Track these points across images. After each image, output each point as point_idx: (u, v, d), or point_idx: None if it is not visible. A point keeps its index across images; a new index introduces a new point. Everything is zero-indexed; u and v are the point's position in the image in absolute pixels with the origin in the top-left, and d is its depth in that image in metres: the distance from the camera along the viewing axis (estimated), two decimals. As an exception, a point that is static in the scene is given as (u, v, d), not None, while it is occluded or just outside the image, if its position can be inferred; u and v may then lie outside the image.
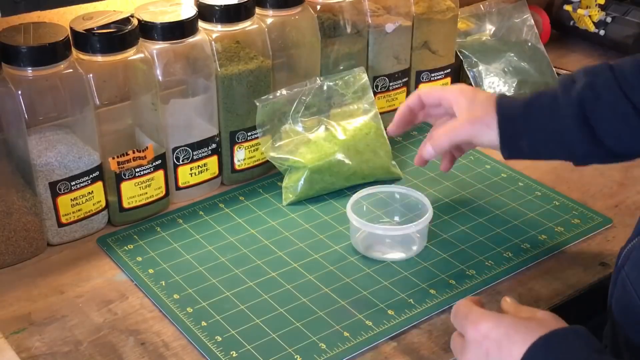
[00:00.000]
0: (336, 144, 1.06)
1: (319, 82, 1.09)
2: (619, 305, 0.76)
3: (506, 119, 0.87)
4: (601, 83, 0.84)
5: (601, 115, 0.83)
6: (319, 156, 1.04)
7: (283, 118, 1.07)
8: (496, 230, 1.00)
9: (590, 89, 0.84)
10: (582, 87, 0.85)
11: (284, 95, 1.06)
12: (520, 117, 0.87)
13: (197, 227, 1.00)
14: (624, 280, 0.75)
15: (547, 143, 0.87)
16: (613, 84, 0.84)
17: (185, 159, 1.03)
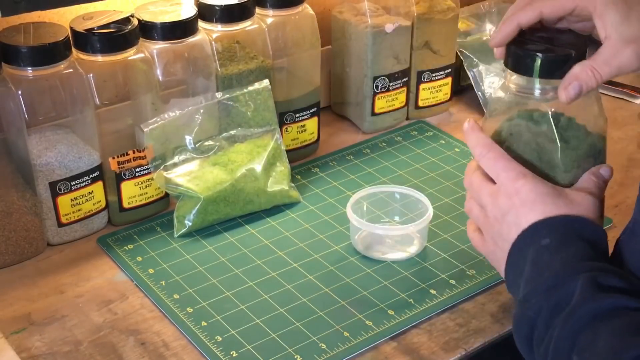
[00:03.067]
0: (232, 169, 0.99)
1: (217, 97, 1.01)
2: None
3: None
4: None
5: None
6: (214, 185, 0.98)
7: (176, 140, 0.99)
8: (496, 230, 1.00)
9: None
10: None
11: (175, 115, 0.98)
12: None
13: (197, 227, 1.00)
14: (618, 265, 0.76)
15: None
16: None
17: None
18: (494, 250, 0.76)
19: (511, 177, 0.73)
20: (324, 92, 1.24)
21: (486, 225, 0.76)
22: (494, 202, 0.74)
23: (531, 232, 0.71)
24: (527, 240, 0.71)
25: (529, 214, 0.71)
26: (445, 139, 1.21)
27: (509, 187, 0.73)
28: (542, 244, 0.70)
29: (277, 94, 1.07)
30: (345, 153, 1.17)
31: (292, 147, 1.14)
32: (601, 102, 0.77)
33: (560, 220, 0.71)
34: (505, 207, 0.73)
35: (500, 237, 0.74)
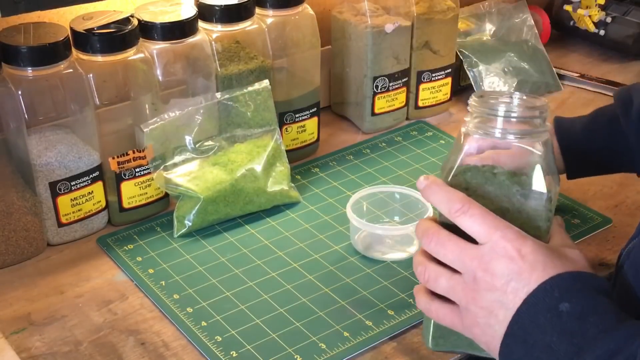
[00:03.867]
0: (232, 169, 0.99)
1: (217, 97, 1.01)
2: (619, 304, 0.76)
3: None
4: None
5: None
6: (214, 185, 0.98)
7: (175, 140, 0.99)
8: (496, 230, 0.99)
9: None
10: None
11: (175, 115, 0.98)
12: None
13: (197, 227, 1.00)
14: (623, 279, 0.75)
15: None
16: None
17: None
18: (486, 322, 0.65)
19: (509, 237, 0.64)
20: (324, 92, 1.24)
21: (471, 294, 0.65)
22: (486, 267, 0.64)
23: (543, 295, 0.62)
24: (539, 306, 0.62)
25: (541, 277, 0.63)
26: (445, 139, 1.21)
27: (509, 249, 0.63)
28: (561, 309, 0.61)
29: (277, 94, 1.07)
30: (345, 153, 1.17)
31: (292, 147, 1.14)
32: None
33: (572, 278, 0.63)
34: (508, 273, 0.63)
35: (501, 306, 0.63)
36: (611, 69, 1.44)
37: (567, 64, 1.45)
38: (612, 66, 1.45)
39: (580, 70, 1.42)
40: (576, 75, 1.40)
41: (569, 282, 0.62)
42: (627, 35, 1.44)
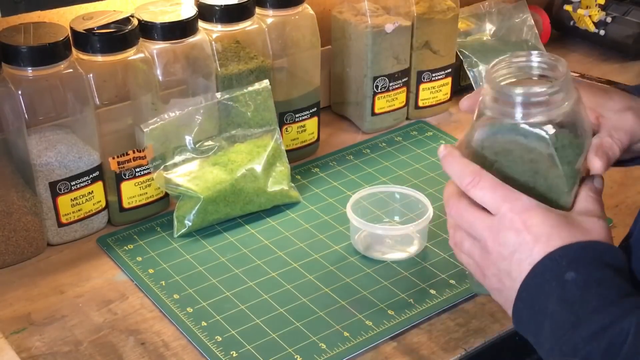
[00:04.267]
0: (232, 169, 0.99)
1: (217, 97, 1.01)
2: None
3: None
4: None
5: None
6: (214, 184, 0.98)
7: (175, 140, 0.99)
8: (496, 230, 0.99)
9: None
10: None
11: (175, 115, 0.98)
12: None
13: (197, 227, 1.00)
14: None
15: None
16: None
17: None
18: (498, 288, 0.67)
19: (517, 209, 0.65)
20: (324, 92, 1.24)
21: (486, 262, 0.67)
22: (495, 238, 0.66)
23: (550, 263, 0.63)
24: (546, 275, 0.63)
25: (546, 249, 0.64)
26: (445, 139, 1.21)
27: (516, 221, 0.65)
28: (566, 278, 0.62)
29: (277, 94, 1.07)
30: (345, 153, 1.17)
31: (292, 147, 1.14)
32: (583, 101, 0.71)
33: (581, 249, 0.63)
34: (514, 244, 0.65)
35: (508, 276, 0.66)
36: (611, 69, 1.44)
37: (567, 64, 1.44)
38: (612, 66, 1.45)
39: (580, 70, 1.42)
40: (576, 75, 1.39)
41: (578, 252, 0.63)
42: (627, 35, 1.44)
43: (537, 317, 0.64)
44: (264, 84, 1.03)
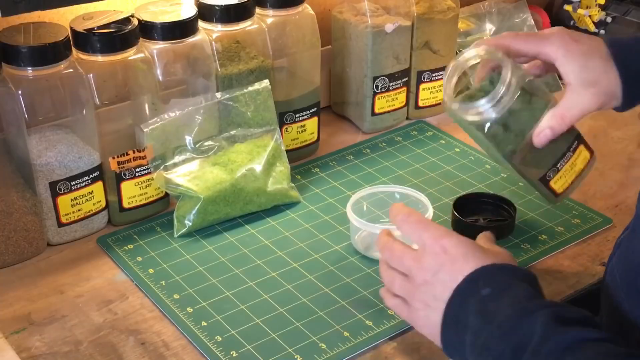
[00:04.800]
0: (232, 169, 0.99)
1: (217, 97, 1.01)
2: (605, 290, 0.79)
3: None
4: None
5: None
6: (214, 184, 0.98)
7: (175, 140, 0.99)
8: (496, 230, 1.00)
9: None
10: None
11: (175, 115, 0.98)
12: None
13: (197, 227, 1.00)
14: (612, 267, 0.78)
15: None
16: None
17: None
18: (425, 315, 0.73)
19: (435, 236, 0.73)
20: (324, 92, 1.24)
21: (413, 291, 0.74)
22: (419, 266, 0.73)
23: (468, 284, 0.70)
24: (466, 293, 0.70)
25: (464, 267, 0.71)
26: (445, 139, 1.21)
27: (435, 247, 0.73)
28: (482, 294, 0.68)
29: (277, 94, 1.07)
30: (345, 153, 1.17)
31: (292, 147, 1.14)
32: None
33: (495, 269, 0.70)
34: (434, 266, 0.72)
35: (434, 298, 0.72)
36: (611, 69, 1.44)
37: (567, 64, 1.44)
38: (612, 66, 1.45)
39: (580, 70, 1.42)
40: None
41: (493, 272, 0.70)
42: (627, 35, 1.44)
43: (460, 334, 0.69)
44: (264, 84, 1.03)
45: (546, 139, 0.81)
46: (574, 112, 0.80)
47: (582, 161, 0.89)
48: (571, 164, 0.88)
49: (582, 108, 0.80)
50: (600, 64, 0.80)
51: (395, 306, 0.77)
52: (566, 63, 0.80)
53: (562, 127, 0.81)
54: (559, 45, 0.81)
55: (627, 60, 0.80)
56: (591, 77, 0.79)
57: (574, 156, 0.88)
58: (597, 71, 0.80)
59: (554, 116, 0.81)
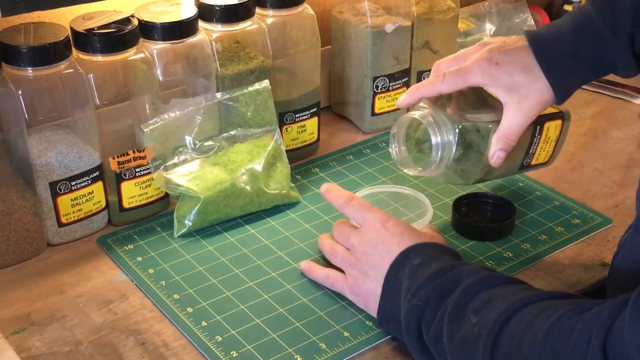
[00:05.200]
0: (232, 170, 0.99)
1: (217, 97, 1.01)
2: (611, 290, 0.80)
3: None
4: None
5: None
6: (214, 185, 0.98)
7: (176, 140, 0.99)
8: (496, 230, 1.00)
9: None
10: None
11: (175, 116, 0.98)
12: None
13: (197, 227, 1.00)
14: (617, 267, 0.78)
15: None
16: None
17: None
18: (363, 283, 0.83)
19: (377, 217, 0.85)
20: (324, 92, 1.24)
21: (353, 262, 0.85)
22: (362, 240, 0.84)
23: (402, 257, 0.80)
24: (399, 264, 0.80)
25: (400, 243, 0.82)
26: (445, 139, 1.21)
27: (377, 225, 0.84)
28: (414, 263, 0.79)
29: (277, 94, 1.07)
30: (345, 153, 1.17)
31: (292, 147, 1.14)
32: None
33: (426, 245, 0.82)
34: (375, 241, 0.83)
35: (372, 267, 0.82)
36: (611, 69, 1.44)
37: (567, 64, 1.44)
38: (612, 66, 1.45)
39: (580, 70, 1.42)
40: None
41: (424, 246, 0.81)
42: (627, 35, 1.44)
43: (394, 300, 0.79)
44: (264, 84, 1.03)
45: (501, 159, 0.86)
46: (515, 130, 0.85)
47: (554, 130, 0.93)
48: (544, 141, 0.92)
49: (522, 123, 0.85)
50: (525, 78, 0.83)
51: (334, 277, 0.87)
52: (493, 87, 0.84)
53: (511, 145, 0.86)
54: (481, 74, 0.84)
55: (552, 62, 0.83)
56: (520, 94, 0.83)
57: (543, 135, 0.92)
58: (524, 87, 0.83)
59: (499, 139, 0.86)
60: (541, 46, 0.83)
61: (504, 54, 0.84)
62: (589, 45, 0.83)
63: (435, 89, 0.87)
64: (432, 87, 0.87)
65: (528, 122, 0.85)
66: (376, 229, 0.84)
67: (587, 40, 0.83)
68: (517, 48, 0.84)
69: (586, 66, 0.84)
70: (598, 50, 0.83)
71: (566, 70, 0.84)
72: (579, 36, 0.83)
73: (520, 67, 0.83)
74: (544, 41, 0.84)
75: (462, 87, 0.86)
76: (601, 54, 0.83)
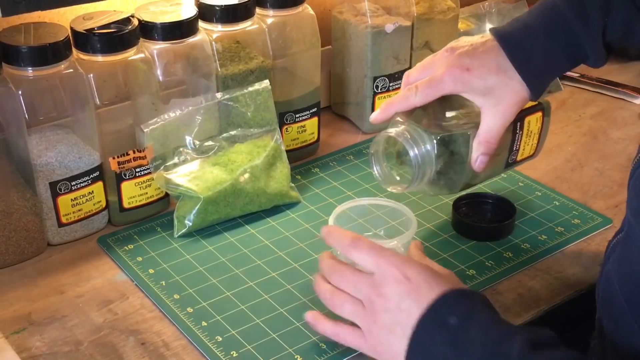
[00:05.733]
0: (232, 170, 0.99)
1: (217, 97, 1.01)
2: (604, 296, 0.78)
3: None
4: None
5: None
6: (214, 185, 0.98)
7: (176, 140, 0.99)
8: (496, 230, 1.00)
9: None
10: None
11: (175, 116, 0.98)
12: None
13: (197, 227, 1.00)
14: (608, 273, 0.77)
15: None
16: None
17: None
18: (388, 341, 0.72)
19: (395, 263, 0.73)
20: (324, 92, 1.24)
21: (371, 317, 0.73)
22: (380, 293, 0.72)
23: (434, 313, 0.70)
24: (433, 322, 0.70)
25: (428, 294, 0.71)
26: (445, 139, 1.21)
27: (396, 274, 0.72)
28: (450, 323, 0.69)
29: (277, 94, 1.07)
30: (345, 153, 1.17)
31: (292, 147, 1.14)
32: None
33: (455, 294, 0.71)
34: (398, 294, 0.71)
35: (398, 325, 0.71)
36: (611, 69, 1.44)
37: (567, 64, 1.44)
38: (612, 66, 1.45)
39: (580, 70, 1.42)
40: (576, 75, 1.40)
41: (454, 299, 0.71)
42: (627, 36, 1.44)
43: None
44: (264, 84, 1.03)
45: (484, 163, 0.84)
46: (495, 133, 0.83)
47: (536, 123, 0.92)
48: (527, 135, 0.92)
49: (501, 125, 0.83)
50: (499, 80, 0.82)
51: (343, 334, 0.76)
52: (468, 93, 0.83)
53: (492, 148, 0.84)
54: (454, 82, 0.83)
55: (525, 60, 0.81)
56: (496, 96, 0.82)
57: (525, 130, 0.91)
58: (499, 88, 0.82)
59: (480, 144, 0.83)
60: (512, 45, 0.82)
61: (474, 58, 0.83)
62: (560, 39, 0.82)
63: (409, 102, 0.85)
64: (405, 101, 0.85)
65: (507, 123, 0.84)
66: (397, 280, 0.72)
67: (558, 34, 0.82)
68: (487, 50, 0.83)
69: (558, 60, 0.83)
70: (569, 43, 0.82)
71: (539, 67, 0.82)
72: (550, 31, 0.82)
73: (493, 69, 0.82)
74: (514, 39, 0.82)
75: (436, 97, 0.84)
76: (573, 46, 0.82)
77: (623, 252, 0.76)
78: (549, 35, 0.82)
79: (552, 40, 0.82)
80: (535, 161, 1.10)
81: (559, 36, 0.82)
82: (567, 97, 1.35)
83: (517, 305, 0.88)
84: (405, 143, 0.84)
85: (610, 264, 0.77)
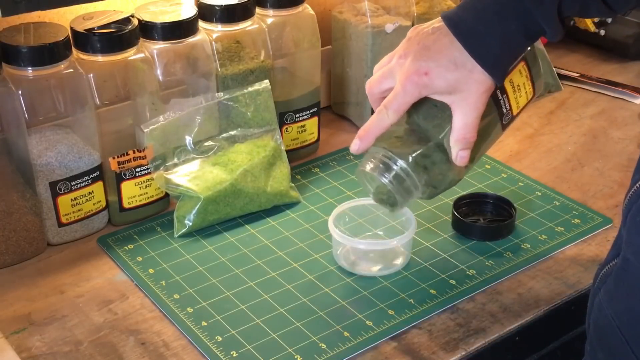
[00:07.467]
0: (232, 169, 0.99)
1: (217, 97, 1.01)
2: (597, 327, 0.75)
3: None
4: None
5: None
6: (214, 185, 0.98)
7: (176, 140, 0.99)
8: (496, 230, 1.00)
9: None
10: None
11: (175, 116, 0.98)
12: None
13: (197, 227, 1.00)
14: (600, 305, 0.73)
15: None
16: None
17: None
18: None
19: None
20: (324, 92, 1.24)
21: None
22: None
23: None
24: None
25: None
26: (445, 139, 1.21)
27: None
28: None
29: (277, 94, 1.07)
30: (345, 153, 1.17)
31: (292, 147, 1.14)
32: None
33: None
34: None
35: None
36: (611, 69, 1.44)
37: (567, 64, 1.45)
38: (612, 66, 1.45)
39: (580, 70, 1.42)
40: (576, 75, 1.40)
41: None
42: (627, 35, 1.44)
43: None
44: (264, 84, 1.03)
45: (466, 158, 0.82)
46: (470, 127, 0.81)
47: (520, 76, 0.87)
48: (515, 92, 0.87)
49: (475, 118, 0.81)
50: (460, 75, 0.80)
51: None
52: (433, 94, 0.81)
53: (471, 142, 0.82)
54: (416, 89, 0.81)
55: (483, 49, 0.80)
56: (462, 91, 0.80)
57: (509, 90, 0.86)
58: (462, 83, 0.80)
59: (457, 141, 0.81)
60: (467, 34, 0.80)
61: (429, 60, 0.80)
62: (515, 21, 0.80)
63: (385, 124, 0.83)
64: (381, 124, 0.83)
65: (480, 113, 0.81)
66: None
67: (512, 15, 0.79)
68: (441, 47, 0.80)
69: (516, 42, 0.81)
70: (525, 22, 0.80)
71: (498, 52, 0.80)
72: (503, 14, 0.79)
73: (450, 67, 0.80)
74: (468, 28, 0.80)
75: (407, 108, 0.82)
76: (528, 25, 0.80)
77: (620, 282, 0.72)
78: (504, 18, 0.79)
79: (508, 23, 0.80)
80: (535, 161, 1.11)
81: (513, 18, 0.79)
82: (567, 97, 1.35)
83: (517, 305, 0.88)
84: (379, 176, 0.82)
85: (602, 296, 0.74)
